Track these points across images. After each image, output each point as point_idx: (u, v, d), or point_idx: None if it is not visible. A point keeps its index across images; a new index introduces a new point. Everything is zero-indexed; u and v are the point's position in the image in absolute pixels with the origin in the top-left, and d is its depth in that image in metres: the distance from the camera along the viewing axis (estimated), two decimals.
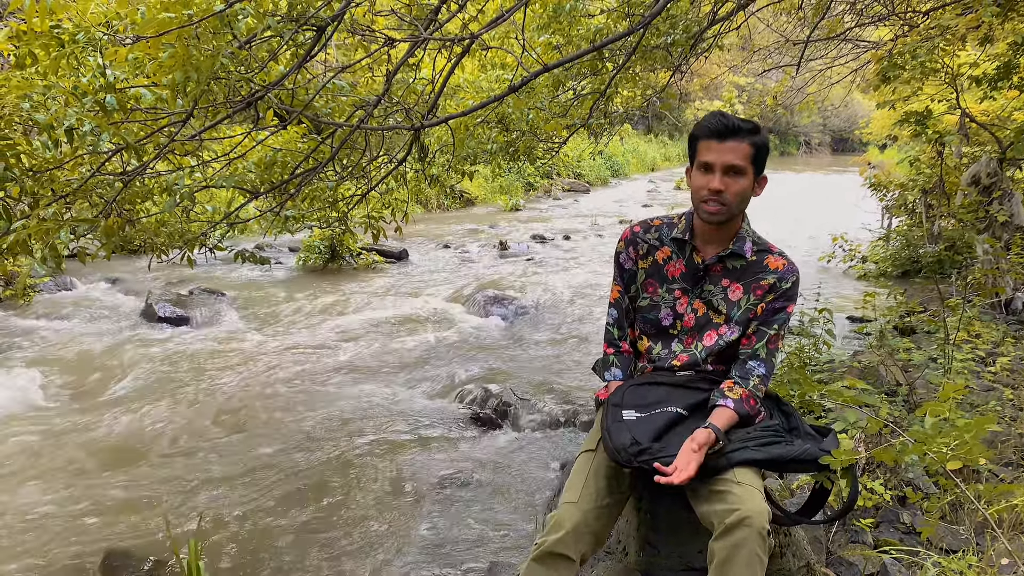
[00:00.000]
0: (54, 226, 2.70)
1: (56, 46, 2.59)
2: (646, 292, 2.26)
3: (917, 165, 8.66)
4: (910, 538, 2.76)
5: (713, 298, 2.18)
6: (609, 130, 5.66)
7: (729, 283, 2.17)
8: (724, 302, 2.17)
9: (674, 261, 2.22)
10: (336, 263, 9.75)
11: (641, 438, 1.97)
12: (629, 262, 2.28)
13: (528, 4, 3.30)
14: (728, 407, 2.05)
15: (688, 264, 2.20)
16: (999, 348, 4.99)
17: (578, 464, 2.13)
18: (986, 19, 4.13)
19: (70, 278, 8.32)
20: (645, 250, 2.26)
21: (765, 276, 2.14)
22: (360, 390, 5.54)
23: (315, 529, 3.66)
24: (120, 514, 3.77)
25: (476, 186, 17.14)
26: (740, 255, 2.14)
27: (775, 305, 2.13)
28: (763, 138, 2.06)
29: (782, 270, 2.14)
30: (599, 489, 2.03)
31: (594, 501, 2.00)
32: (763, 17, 8.20)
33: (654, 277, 2.25)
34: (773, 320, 2.14)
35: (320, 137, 3.59)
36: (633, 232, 2.29)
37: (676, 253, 2.22)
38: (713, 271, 2.18)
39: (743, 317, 2.15)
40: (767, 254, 2.16)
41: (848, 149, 40.06)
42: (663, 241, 2.24)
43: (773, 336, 2.14)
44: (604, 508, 2.01)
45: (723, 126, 2.02)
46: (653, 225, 2.28)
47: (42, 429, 4.75)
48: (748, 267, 2.16)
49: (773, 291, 2.13)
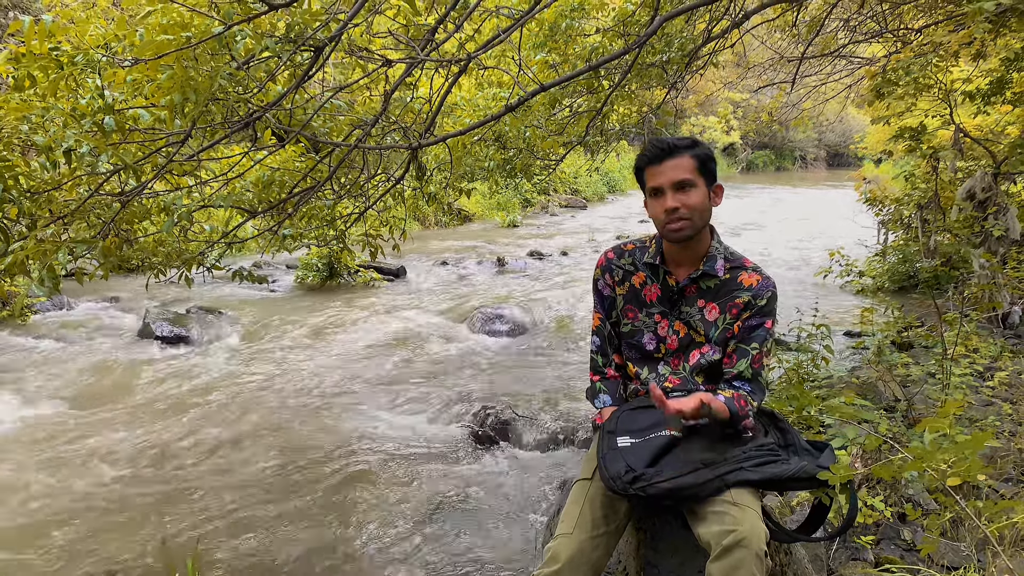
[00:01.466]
0: (52, 247, 2.70)
1: (55, 68, 2.60)
2: (627, 318, 2.26)
3: (912, 180, 8.69)
4: (911, 555, 2.75)
5: (691, 319, 2.17)
6: (605, 147, 5.68)
7: (705, 303, 2.16)
8: (702, 323, 2.15)
9: (649, 285, 2.22)
10: (334, 281, 9.75)
11: (636, 464, 1.96)
12: (607, 289, 2.29)
13: (524, 24, 3.33)
14: (719, 400, 2.03)
15: (663, 287, 2.20)
16: (997, 362, 5.00)
17: (573, 493, 2.12)
18: (978, 35, 4.17)
19: (67, 298, 8.31)
20: (621, 276, 2.26)
21: (739, 294, 2.12)
22: (358, 408, 5.52)
23: (312, 549, 3.63)
24: (117, 534, 3.75)
25: (473, 203, 17.17)
26: (712, 275, 2.13)
27: (751, 323, 2.12)
28: (704, 149, 2.08)
29: (756, 286, 2.12)
30: (595, 519, 2.01)
31: (590, 531, 1.98)
32: (758, 35, 8.27)
33: (633, 303, 2.25)
34: (751, 338, 2.12)
35: (318, 156, 3.60)
36: (607, 259, 2.28)
37: (650, 277, 2.22)
38: (688, 292, 2.17)
39: (721, 337, 2.14)
40: (740, 271, 2.15)
41: (844, 164, 40.19)
42: (637, 266, 2.24)
43: (756, 355, 2.12)
44: (601, 537, 1.99)
45: (659, 149, 2.05)
46: (626, 250, 2.27)
47: (38, 449, 4.73)
48: (722, 286, 2.14)
49: (748, 308, 2.11)
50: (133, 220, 3.22)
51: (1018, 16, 3.75)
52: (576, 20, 4.31)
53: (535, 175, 5.12)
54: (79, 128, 2.60)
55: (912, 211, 8.44)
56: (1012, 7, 3.48)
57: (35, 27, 2.46)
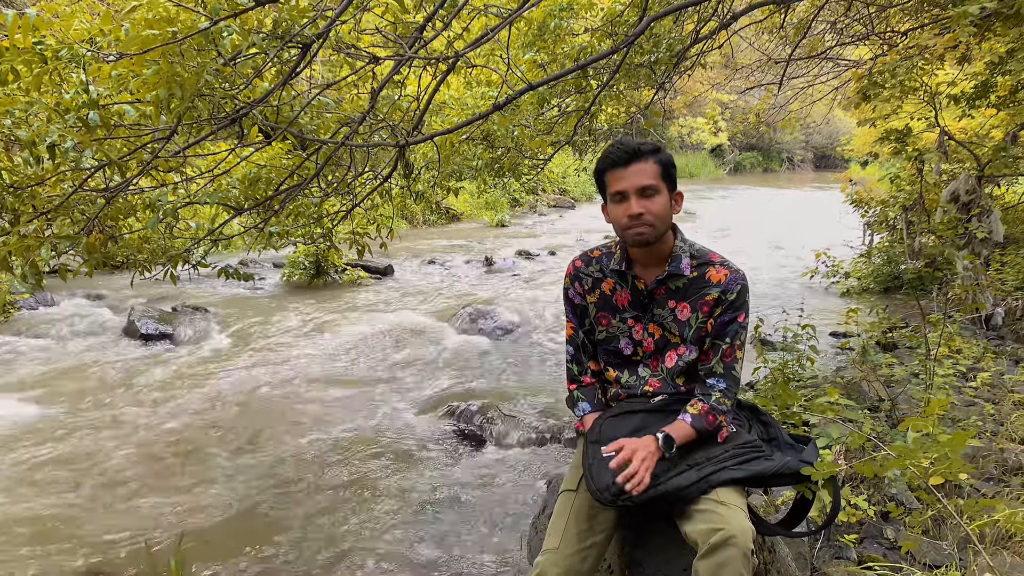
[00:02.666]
0: (35, 243, 2.68)
1: (39, 62, 2.57)
2: (600, 325, 2.25)
3: (898, 182, 8.77)
4: (894, 553, 2.78)
5: (664, 321, 2.16)
6: (594, 147, 5.69)
7: (675, 304, 2.14)
8: (675, 323, 2.14)
9: (619, 291, 2.20)
10: (321, 279, 9.72)
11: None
12: (578, 297, 2.27)
13: (513, 23, 3.33)
14: (685, 421, 2.05)
15: (632, 292, 2.19)
16: (980, 363, 5.04)
17: (558, 506, 2.11)
18: (963, 39, 4.20)
19: (51, 295, 8.23)
20: (590, 284, 2.24)
21: (708, 291, 2.10)
22: (344, 406, 5.51)
23: (296, 548, 3.62)
24: (100, 532, 3.72)
25: (462, 202, 17.15)
26: (678, 274, 2.12)
27: (724, 318, 2.10)
28: (666, 156, 2.06)
29: (725, 281, 2.09)
30: (581, 531, 2.00)
31: (577, 544, 1.98)
32: (745, 36, 8.30)
33: (605, 309, 2.23)
34: (725, 333, 2.11)
35: (305, 153, 3.59)
36: (575, 267, 2.27)
37: (619, 283, 2.20)
38: (657, 295, 2.15)
39: (695, 336, 2.13)
40: (707, 267, 2.12)
41: (830, 165, 40.42)
42: (605, 273, 2.22)
43: (728, 349, 2.11)
44: (589, 549, 1.99)
45: (625, 152, 2.02)
46: (593, 257, 2.26)
47: (19, 447, 4.68)
48: (690, 284, 2.12)
49: (720, 304, 2.09)
50: (118, 216, 3.20)
51: (1003, 20, 3.79)
52: (565, 20, 4.31)
53: (523, 174, 5.12)
54: (63, 123, 2.57)
55: (897, 213, 8.50)
56: (996, 11, 3.52)
57: (19, 21, 2.44)
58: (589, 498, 2.01)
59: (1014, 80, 5.42)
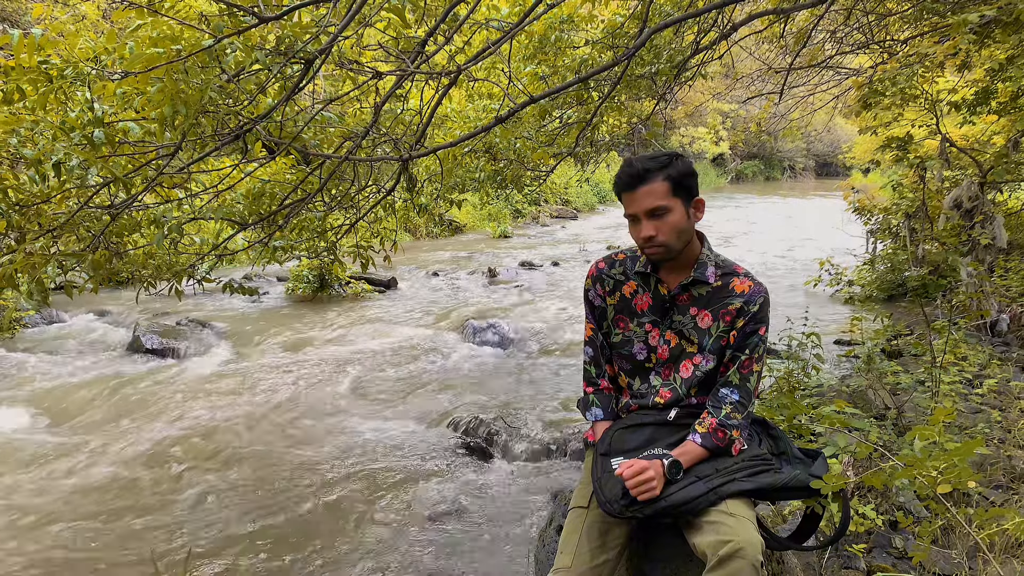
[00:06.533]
0: (41, 260, 2.69)
1: (44, 81, 2.59)
2: (617, 328, 2.24)
3: (900, 189, 8.77)
4: (903, 563, 2.76)
5: (684, 328, 2.14)
6: (595, 158, 5.70)
7: (697, 311, 2.13)
8: (695, 331, 2.13)
9: (641, 294, 2.19)
10: (325, 292, 9.73)
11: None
12: (598, 299, 2.27)
13: (514, 36, 3.34)
14: (695, 442, 2.04)
15: (654, 296, 2.17)
16: (985, 370, 5.02)
17: (569, 523, 2.09)
18: (963, 46, 4.22)
19: (56, 311, 8.26)
20: (611, 286, 2.24)
21: (732, 300, 2.09)
22: (350, 420, 5.50)
23: (302, 562, 3.61)
24: (107, 551, 3.71)
25: (464, 214, 17.19)
26: (703, 281, 2.10)
27: (747, 329, 2.08)
28: (678, 167, 2.01)
29: (748, 292, 2.08)
30: (593, 548, 1.99)
31: (590, 560, 1.96)
32: (746, 46, 8.34)
33: (623, 312, 2.22)
34: (745, 345, 2.09)
35: (309, 168, 3.60)
36: (598, 269, 2.27)
37: (641, 286, 2.19)
38: (679, 300, 2.14)
39: (715, 345, 2.12)
40: (732, 277, 2.11)
41: (832, 173, 40.47)
42: (627, 275, 2.21)
43: (745, 361, 2.09)
44: (602, 566, 1.97)
45: (630, 176, 2.01)
46: (617, 260, 2.26)
47: (26, 465, 4.69)
48: (714, 293, 2.11)
49: (742, 315, 2.08)
50: (123, 233, 3.21)
51: (1002, 27, 3.80)
52: (565, 32, 4.33)
53: (526, 186, 5.13)
54: (68, 141, 2.59)
55: (900, 220, 8.50)
56: (996, 18, 3.53)
57: (24, 40, 2.46)
58: (601, 514, 2.00)
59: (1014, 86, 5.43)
